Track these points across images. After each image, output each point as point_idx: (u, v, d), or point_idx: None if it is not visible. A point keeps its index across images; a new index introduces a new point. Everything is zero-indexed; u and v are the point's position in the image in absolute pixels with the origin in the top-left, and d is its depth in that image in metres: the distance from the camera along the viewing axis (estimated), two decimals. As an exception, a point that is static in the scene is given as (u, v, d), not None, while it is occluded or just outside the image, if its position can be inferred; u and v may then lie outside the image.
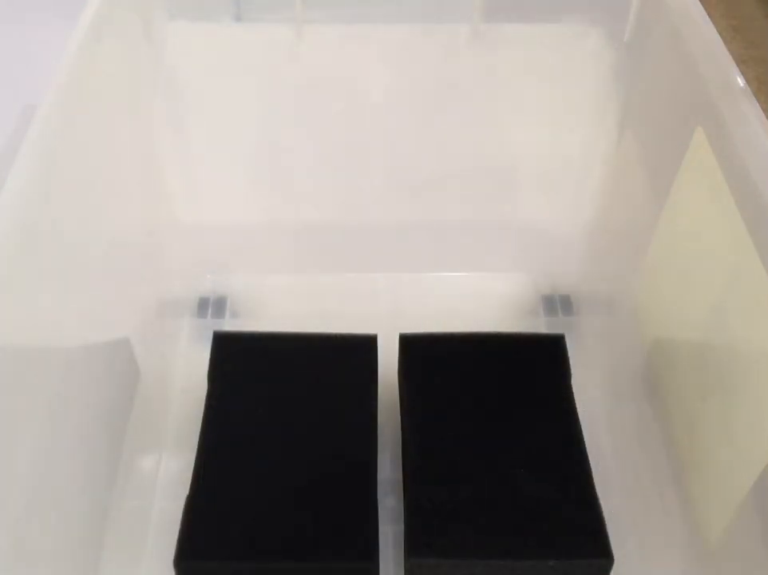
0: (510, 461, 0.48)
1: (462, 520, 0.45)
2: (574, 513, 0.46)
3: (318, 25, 0.53)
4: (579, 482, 0.47)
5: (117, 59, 0.49)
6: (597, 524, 0.45)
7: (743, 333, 0.41)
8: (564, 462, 0.48)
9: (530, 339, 0.54)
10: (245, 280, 0.63)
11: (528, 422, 0.50)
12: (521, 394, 0.51)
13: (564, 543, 0.45)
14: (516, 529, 0.45)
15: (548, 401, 0.51)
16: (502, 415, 0.50)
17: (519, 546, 0.44)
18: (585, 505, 0.46)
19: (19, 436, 0.37)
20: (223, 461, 0.48)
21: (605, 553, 0.44)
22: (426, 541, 0.45)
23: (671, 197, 0.48)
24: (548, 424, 0.50)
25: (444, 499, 0.46)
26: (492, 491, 0.46)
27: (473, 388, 0.51)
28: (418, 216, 0.62)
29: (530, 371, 0.52)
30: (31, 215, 0.38)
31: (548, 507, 0.46)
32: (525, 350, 0.53)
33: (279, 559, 0.44)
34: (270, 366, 0.52)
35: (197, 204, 0.60)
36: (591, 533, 0.45)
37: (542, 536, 0.45)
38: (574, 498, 0.46)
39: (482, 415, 0.50)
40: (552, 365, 0.52)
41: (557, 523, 0.45)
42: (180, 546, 0.44)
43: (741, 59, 0.41)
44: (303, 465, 0.48)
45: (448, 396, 0.51)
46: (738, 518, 0.41)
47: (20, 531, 0.37)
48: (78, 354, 0.44)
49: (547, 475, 0.47)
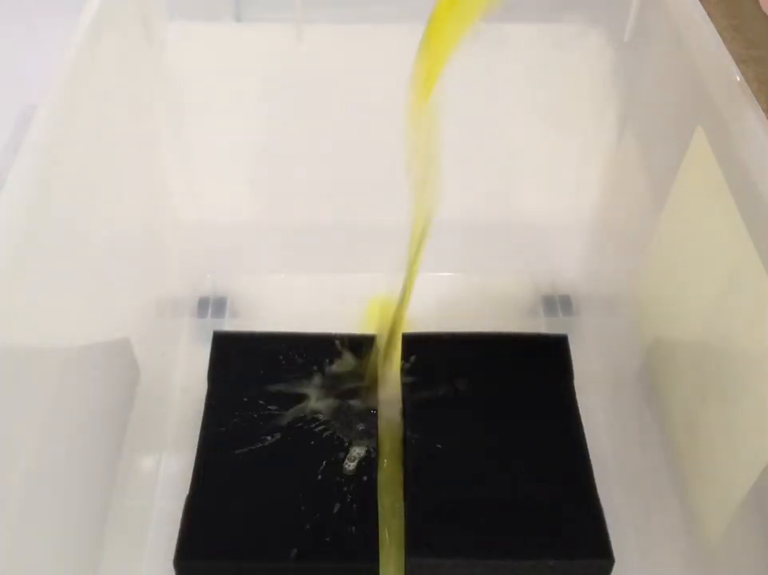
0: (512, 461, 0.48)
1: (463, 520, 0.46)
2: (575, 514, 0.46)
3: (318, 25, 0.53)
4: (581, 483, 0.47)
5: (117, 59, 0.49)
6: (598, 524, 0.45)
7: (743, 333, 0.41)
8: (566, 463, 0.48)
9: (533, 339, 0.54)
10: (245, 280, 0.63)
11: (530, 422, 0.50)
12: (524, 394, 0.51)
13: (565, 543, 0.45)
14: (517, 529, 0.45)
15: (551, 401, 0.51)
16: (504, 415, 0.50)
17: (519, 546, 0.45)
18: (586, 506, 0.46)
19: (19, 436, 0.37)
20: (223, 462, 0.48)
21: (606, 553, 0.44)
22: (427, 540, 0.45)
23: (671, 197, 0.48)
24: (550, 424, 0.50)
25: (445, 499, 0.46)
26: (494, 491, 0.46)
27: (475, 388, 0.51)
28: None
29: (533, 371, 0.52)
30: (31, 215, 0.38)
31: (548, 507, 0.46)
32: (528, 351, 0.53)
33: (278, 559, 0.44)
34: (270, 366, 0.52)
35: (197, 203, 0.60)
36: (591, 534, 0.45)
37: (543, 536, 0.45)
38: (575, 499, 0.46)
39: (484, 415, 0.50)
40: (555, 365, 0.52)
41: (558, 523, 0.45)
42: (179, 546, 0.44)
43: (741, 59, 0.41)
44: (303, 466, 0.48)
45: (450, 396, 0.51)
46: (738, 518, 0.40)
47: (20, 531, 0.37)
48: (78, 354, 0.44)
49: (548, 475, 0.47)
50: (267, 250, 0.62)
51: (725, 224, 0.41)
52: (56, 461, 0.41)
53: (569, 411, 0.50)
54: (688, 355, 0.47)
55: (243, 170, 0.60)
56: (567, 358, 0.53)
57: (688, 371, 0.47)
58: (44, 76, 0.43)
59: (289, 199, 0.61)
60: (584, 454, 0.48)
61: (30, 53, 0.58)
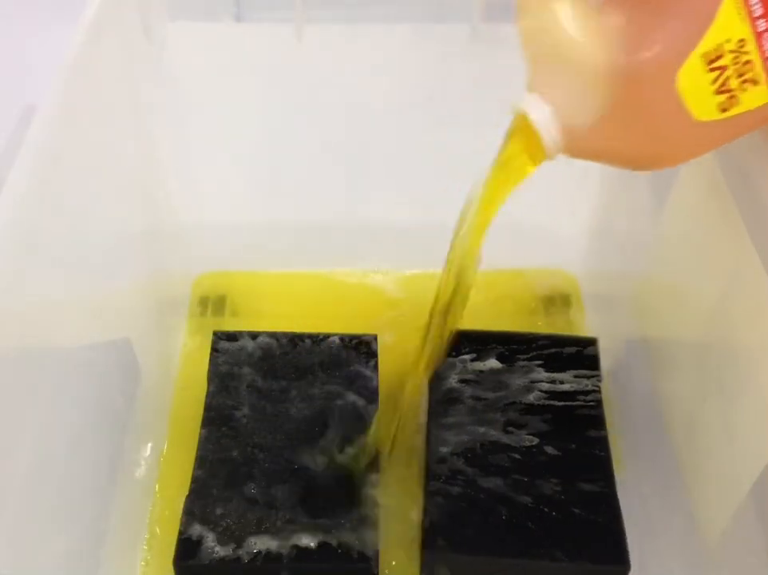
0: (533, 460, 0.48)
1: (481, 517, 0.45)
2: (593, 517, 0.45)
3: (318, 25, 0.53)
4: (601, 486, 0.47)
5: (117, 59, 0.49)
6: (616, 529, 0.45)
7: (743, 333, 0.41)
8: (587, 465, 0.48)
9: (563, 341, 0.54)
10: (245, 279, 0.63)
11: (554, 423, 0.50)
12: (550, 394, 0.51)
13: (582, 546, 0.44)
14: (535, 529, 0.45)
15: (577, 403, 0.51)
16: (528, 415, 0.50)
17: (536, 546, 0.44)
18: (605, 510, 0.46)
19: (19, 436, 0.37)
20: (222, 462, 0.48)
21: (622, 559, 0.44)
22: (444, 535, 0.45)
23: (672, 197, 0.48)
24: (574, 426, 0.49)
25: (463, 495, 0.46)
26: (513, 489, 0.46)
27: (498, 386, 0.51)
28: (418, 215, 0.62)
29: (560, 372, 0.52)
30: (31, 214, 0.38)
31: (568, 509, 0.46)
32: (557, 351, 0.53)
33: (278, 559, 0.44)
34: (269, 365, 0.52)
35: (197, 203, 0.60)
36: (609, 539, 0.45)
37: (560, 537, 0.45)
38: (594, 502, 0.46)
39: (507, 414, 0.50)
40: (583, 367, 0.52)
41: (576, 525, 0.45)
42: (179, 546, 0.44)
43: (741, 59, 0.41)
44: (303, 466, 0.48)
45: (473, 393, 0.51)
46: (738, 518, 0.41)
47: (20, 531, 0.37)
48: (78, 353, 0.44)
49: (569, 476, 0.47)
50: (266, 249, 0.62)
51: (725, 223, 0.41)
52: (56, 461, 0.41)
53: (595, 414, 0.50)
54: (688, 355, 0.47)
55: (243, 169, 0.60)
56: (596, 360, 0.53)
57: (688, 371, 0.47)
58: (44, 76, 0.44)
59: (288, 198, 0.61)
60: (607, 458, 0.48)
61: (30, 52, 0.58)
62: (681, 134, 0.33)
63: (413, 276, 0.64)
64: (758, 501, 0.39)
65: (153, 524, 0.49)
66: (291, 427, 0.49)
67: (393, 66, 0.55)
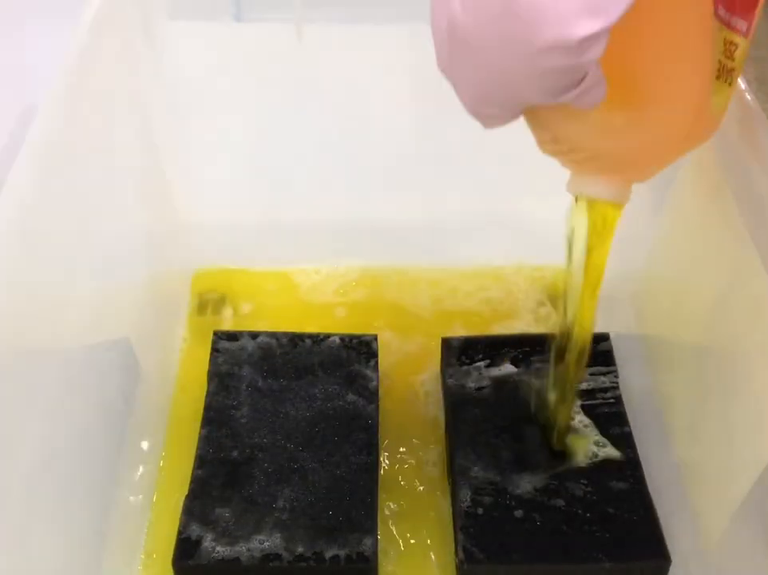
0: (561, 463, 0.48)
1: (515, 524, 0.45)
2: (628, 515, 0.45)
3: (318, 25, 0.53)
4: (632, 483, 0.47)
5: (117, 59, 0.49)
6: (652, 524, 0.45)
7: (743, 333, 0.41)
8: (615, 463, 0.48)
9: None
10: (245, 278, 0.63)
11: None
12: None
13: (622, 545, 0.44)
14: (572, 533, 0.45)
15: (597, 401, 0.50)
16: None
17: (576, 549, 0.44)
18: (638, 506, 0.46)
19: (19, 436, 0.37)
20: (222, 461, 0.48)
21: (662, 553, 0.44)
22: (481, 546, 0.44)
23: (671, 197, 0.48)
24: (598, 425, 0.49)
25: (496, 503, 0.46)
26: (543, 494, 0.46)
27: (516, 390, 0.51)
28: (418, 214, 0.62)
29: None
30: (31, 214, 0.38)
31: (601, 509, 0.45)
32: None
33: (278, 559, 0.44)
34: (269, 365, 0.52)
35: (197, 202, 0.60)
36: (646, 534, 0.45)
37: (597, 538, 0.44)
38: (627, 499, 0.46)
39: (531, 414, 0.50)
40: (598, 364, 0.52)
41: (611, 525, 0.45)
42: (179, 546, 0.44)
43: (741, 59, 0.41)
44: (303, 466, 0.48)
45: (490, 400, 0.51)
46: (738, 518, 0.41)
47: (20, 531, 0.37)
48: (78, 353, 0.44)
49: (600, 477, 0.47)
50: (266, 248, 0.62)
51: (725, 223, 0.41)
52: (56, 461, 0.41)
53: (618, 412, 0.50)
54: (688, 355, 0.47)
55: (243, 169, 0.60)
56: (610, 355, 0.53)
57: (688, 371, 0.47)
58: (44, 76, 0.44)
59: (288, 197, 0.61)
60: (635, 455, 0.48)
61: (30, 52, 0.58)
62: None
63: (413, 276, 0.63)
64: (758, 501, 0.39)
65: (153, 524, 0.49)
66: (291, 427, 0.49)
67: (393, 66, 0.55)
